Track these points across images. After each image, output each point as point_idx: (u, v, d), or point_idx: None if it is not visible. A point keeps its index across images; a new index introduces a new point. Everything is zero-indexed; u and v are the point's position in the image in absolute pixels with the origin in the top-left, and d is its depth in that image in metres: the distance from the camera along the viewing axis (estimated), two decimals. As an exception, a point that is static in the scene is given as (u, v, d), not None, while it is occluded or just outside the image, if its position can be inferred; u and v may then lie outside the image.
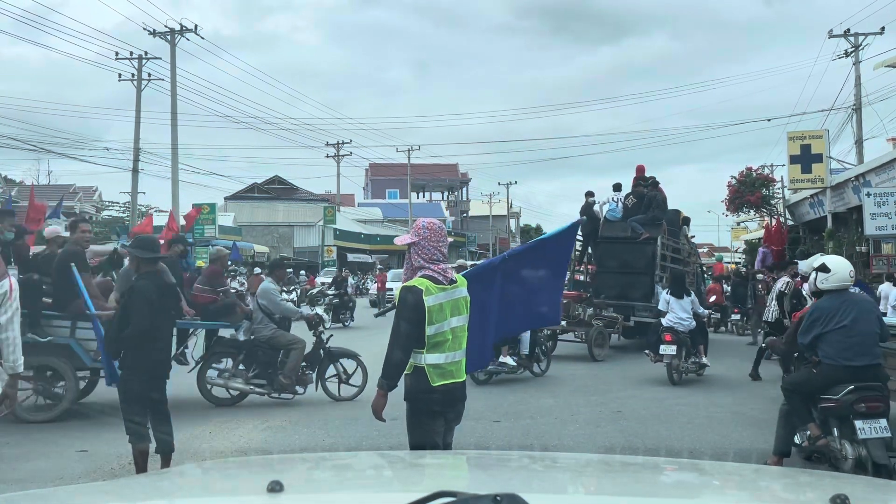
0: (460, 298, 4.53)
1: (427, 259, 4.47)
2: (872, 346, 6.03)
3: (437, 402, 4.43)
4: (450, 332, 4.43)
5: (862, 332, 5.98)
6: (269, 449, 7.41)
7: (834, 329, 6.01)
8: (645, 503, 2.09)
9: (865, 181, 19.43)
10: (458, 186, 74.63)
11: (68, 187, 46.02)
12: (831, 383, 6.00)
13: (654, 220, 15.72)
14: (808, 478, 2.59)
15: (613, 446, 7.56)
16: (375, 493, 2.16)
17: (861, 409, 5.83)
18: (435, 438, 4.47)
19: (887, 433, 5.80)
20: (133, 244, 6.46)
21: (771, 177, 30.02)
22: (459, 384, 4.56)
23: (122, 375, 6.14)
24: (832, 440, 6.02)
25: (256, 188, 55.15)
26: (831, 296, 6.17)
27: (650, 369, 13.32)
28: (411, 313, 4.33)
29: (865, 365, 5.94)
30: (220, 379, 9.76)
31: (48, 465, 6.87)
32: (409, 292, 4.37)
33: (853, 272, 6.30)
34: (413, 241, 4.52)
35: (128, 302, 6.09)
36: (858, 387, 5.86)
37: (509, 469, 2.65)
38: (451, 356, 4.45)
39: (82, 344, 8.60)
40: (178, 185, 30.34)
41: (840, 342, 5.98)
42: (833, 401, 5.96)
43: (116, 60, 30.22)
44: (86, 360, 8.62)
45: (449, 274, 4.50)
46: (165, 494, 2.22)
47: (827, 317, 6.06)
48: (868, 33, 26.54)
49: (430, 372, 4.39)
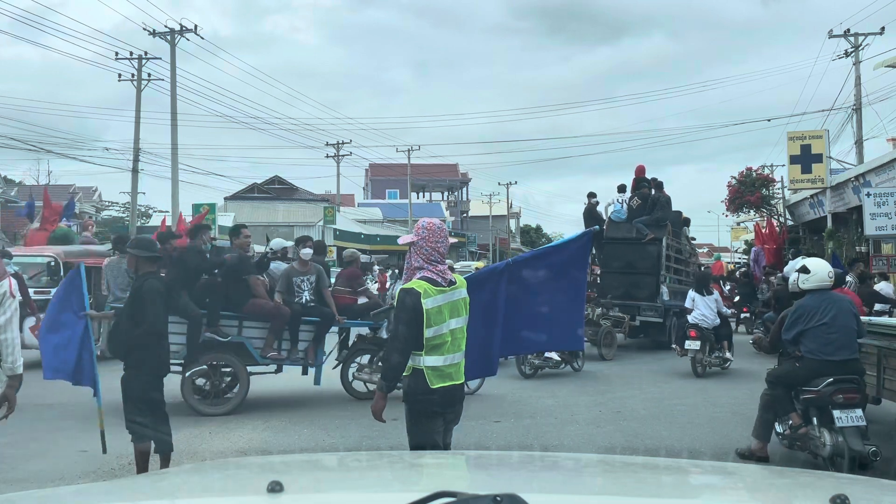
0: (459, 300, 4.52)
1: (425, 259, 4.46)
2: (850, 342, 6.48)
3: (436, 403, 4.44)
4: (448, 335, 4.42)
5: (841, 329, 6.42)
6: (269, 449, 7.42)
7: (815, 326, 6.45)
8: (645, 503, 2.10)
9: (865, 181, 19.42)
10: (458, 186, 74.57)
11: (68, 187, 45.97)
12: (812, 376, 6.45)
13: (659, 222, 15.98)
14: (808, 478, 2.59)
15: (613, 446, 7.56)
16: (375, 493, 2.16)
17: (839, 399, 6.28)
18: (434, 438, 4.48)
19: (862, 422, 6.25)
20: (132, 244, 6.46)
21: (771, 177, 30.01)
22: (458, 386, 4.57)
23: (124, 375, 6.14)
24: (812, 429, 6.46)
25: (256, 188, 55.08)
26: (812, 295, 6.58)
27: (650, 369, 13.34)
28: (409, 316, 4.32)
29: (844, 359, 6.39)
30: (363, 374, 10.14)
31: (48, 465, 6.87)
32: (408, 295, 4.37)
33: (832, 273, 6.72)
34: (412, 240, 4.52)
35: (136, 301, 6.08)
36: (837, 379, 6.31)
37: (509, 469, 2.65)
38: (449, 358, 4.45)
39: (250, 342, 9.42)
40: (178, 185, 30.34)
41: (820, 338, 6.42)
42: (813, 392, 6.41)
43: (116, 60, 30.20)
44: (256, 357, 9.40)
45: (448, 275, 4.49)
46: (165, 494, 2.22)
47: (808, 315, 6.50)
48: (868, 33, 26.54)
49: (429, 374, 4.39)
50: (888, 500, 2.15)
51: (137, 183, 31.17)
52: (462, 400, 4.67)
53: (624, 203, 16.45)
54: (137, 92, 30.31)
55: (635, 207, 16.23)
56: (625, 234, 16.23)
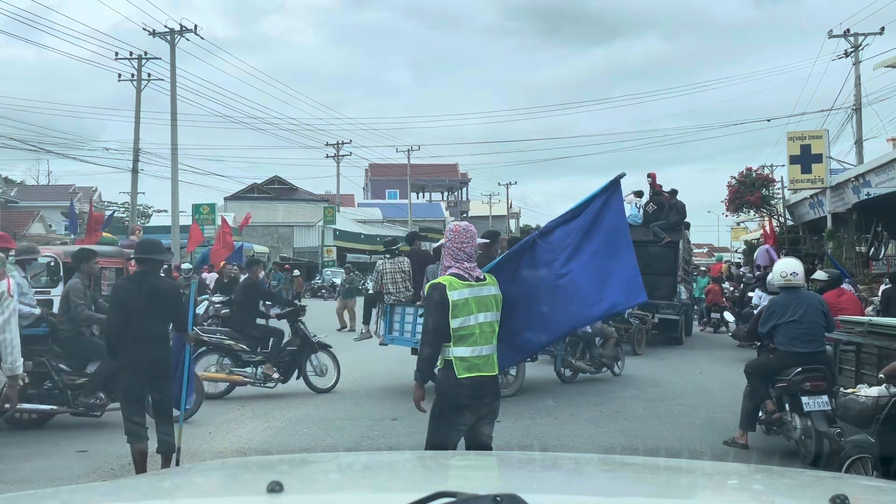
0: (489, 296, 4.71)
1: (453, 258, 4.72)
2: (818, 336, 7.14)
3: (465, 395, 4.59)
4: (476, 327, 4.60)
5: (809, 324, 7.07)
6: (269, 449, 7.41)
7: (787, 322, 7.09)
8: (645, 503, 2.10)
9: (865, 181, 19.42)
10: (458, 186, 74.62)
11: (68, 187, 45.97)
12: (784, 367, 7.09)
13: (675, 226, 17.12)
14: (808, 478, 2.59)
15: (613, 446, 7.56)
16: (375, 493, 2.16)
17: (806, 387, 6.92)
18: (454, 438, 4.63)
19: (828, 407, 6.79)
20: (133, 245, 6.48)
21: (771, 177, 29.98)
22: (489, 378, 4.69)
23: (120, 375, 6.14)
24: (785, 414, 7.09)
25: (256, 188, 55.07)
26: (785, 293, 7.28)
27: (651, 369, 13.33)
28: (437, 309, 4.58)
29: (812, 352, 7.03)
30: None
31: (48, 465, 6.87)
32: (435, 289, 4.65)
33: (799, 273, 7.34)
34: (441, 243, 4.77)
35: (112, 302, 6.14)
36: (805, 369, 6.93)
37: (509, 469, 2.66)
38: (477, 350, 4.61)
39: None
40: (178, 185, 30.33)
41: (791, 333, 7.07)
42: (785, 381, 7.03)
43: (116, 60, 30.21)
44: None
45: (475, 272, 4.71)
46: (165, 494, 2.22)
47: (781, 311, 7.16)
48: (868, 33, 26.55)
49: (457, 364, 4.58)
50: (888, 500, 2.15)
51: (137, 183, 31.19)
52: (497, 394, 4.81)
53: (640, 208, 17.32)
54: (137, 92, 30.32)
55: (651, 212, 17.27)
56: (641, 236, 16.98)
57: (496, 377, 4.79)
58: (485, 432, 4.77)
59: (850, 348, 7.78)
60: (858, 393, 5.73)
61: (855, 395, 5.73)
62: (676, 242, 16.92)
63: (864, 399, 5.60)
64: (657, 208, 17.20)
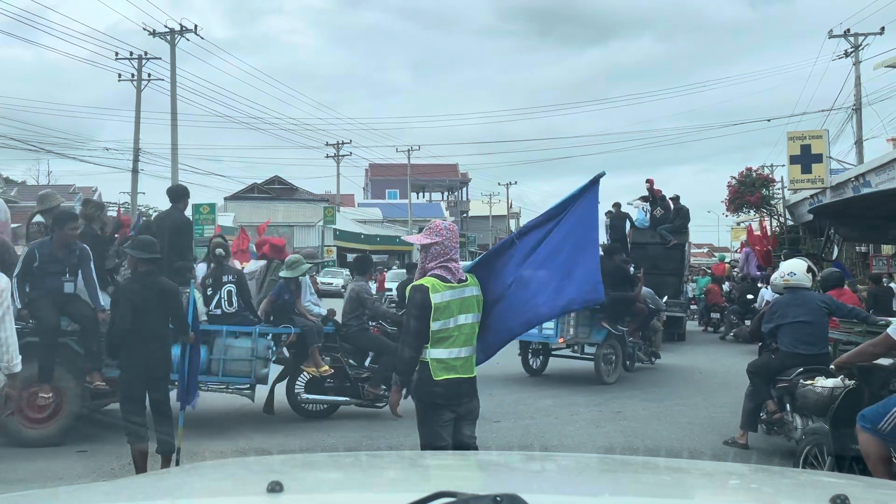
0: (471, 297, 4.63)
1: (441, 258, 4.59)
2: (821, 338, 7.15)
3: (440, 395, 4.53)
4: (456, 329, 4.53)
5: (812, 326, 7.09)
6: (269, 449, 7.41)
7: (789, 322, 7.11)
8: (645, 503, 2.09)
9: (865, 181, 19.42)
10: (458, 186, 74.58)
11: (68, 187, 45.97)
12: (786, 367, 7.12)
13: (680, 229, 18.24)
14: (808, 478, 2.59)
15: (613, 446, 7.57)
16: (375, 494, 2.16)
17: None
18: (442, 434, 4.54)
19: None
20: (130, 245, 6.44)
21: (771, 177, 29.99)
22: (465, 379, 4.62)
23: (120, 376, 6.13)
24: (786, 414, 7.11)
25: (256, 188, 55.06)
26: (788, 293, 7.33)
27: (650, 369, 13.33)
28: (418, 311, 4.48)
29: (814, 353, 7.02)
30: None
31: (48, 465, 6.86)
32: (417, 291, 4.53)
33: (800, 273, 7.36)
34: (424, 242, 4.62)
35: (115, 303, 6.11)
36: (807, 369, 6.89)
37: (509, 469, 2.65)
38: (455, 352, 4.54)
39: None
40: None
41: (794, 334, 7.09)
42: (787, 381, 7.03)
43: (116, 60, 30.23)
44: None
45: (459, 273, 4.61)
46: (165, 494, 2.22)
47: (783, 311, 7.20)
48: (868, 33, 26.56)
49: (434, 366, 4.51)
50: (888, 500, 2.15)
51: (137, 183, 31.21)
52: (473, 395, 4.72)
53: (647, 212, 18.30)
54: (137, 92, 30.34)
55: (658, 217, 18.27)
56: (648, 239, 18.15)
57: (474, 378, 4.70)
58: (466, 433, 4.68)
59: (849, 348, 7.80)
60: (815, 384, 6.23)
61: (812, 386, 6.26)
62: (682, 244, 18.09)
63: (821, 390, 6.11)
64: (664, 213, 18.26)
